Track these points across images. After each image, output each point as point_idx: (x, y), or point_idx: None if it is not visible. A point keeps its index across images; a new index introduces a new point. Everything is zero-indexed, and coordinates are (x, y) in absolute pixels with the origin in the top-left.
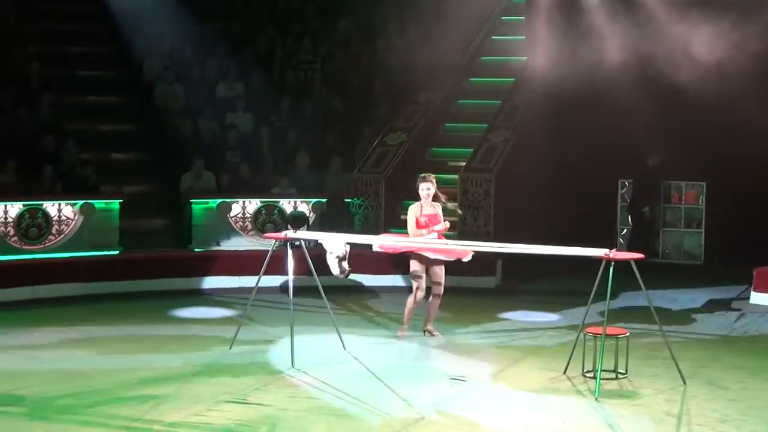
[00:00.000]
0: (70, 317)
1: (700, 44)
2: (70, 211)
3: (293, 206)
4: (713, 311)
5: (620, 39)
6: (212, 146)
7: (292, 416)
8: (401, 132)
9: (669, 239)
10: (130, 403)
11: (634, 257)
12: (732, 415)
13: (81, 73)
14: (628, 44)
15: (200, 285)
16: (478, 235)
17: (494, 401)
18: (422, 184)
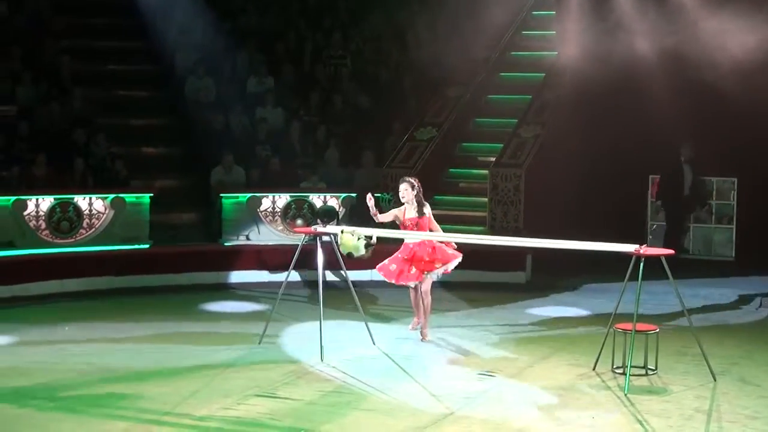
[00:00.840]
0: (100, 311)
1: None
2: (100, 204)
3: (323, 201)
4: (744, 308)
5: (651, 33)
6: (242, 140)
7: (322, 410)
8: (431, 127)
9: (699, 235)
10: (160, 397)
11: (665, 253)
12: (763, 412)
13: (112, 67)
14: (658, 38)
15: (230, 279)
16: (508, 230)
17: (523, 397)
18: (400, 186)
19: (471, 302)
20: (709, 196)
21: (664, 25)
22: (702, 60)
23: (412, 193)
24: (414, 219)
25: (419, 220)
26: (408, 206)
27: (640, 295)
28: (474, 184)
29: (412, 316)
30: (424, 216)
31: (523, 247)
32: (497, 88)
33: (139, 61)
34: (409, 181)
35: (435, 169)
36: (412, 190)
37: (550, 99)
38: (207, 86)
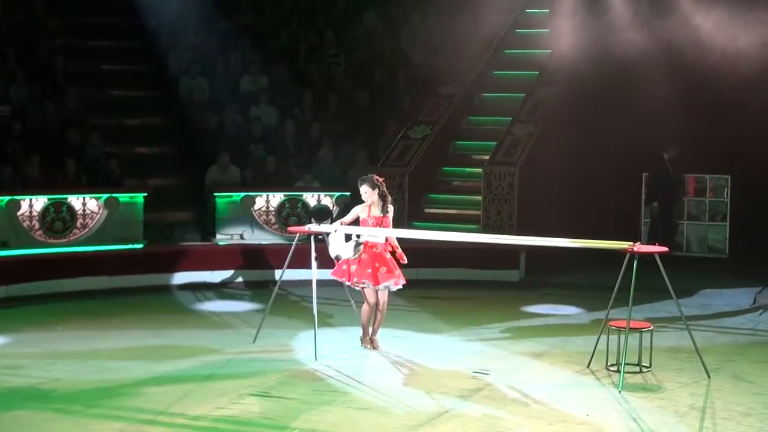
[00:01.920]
0: (95, 311)
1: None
2: (94, 204)
3: (317, 200)
4: (738, 305)
5: (644, 31)
6: (236, 139)
7: (316, 409)
8: (425, 125)
9: (693, 232)
10: (154, 397)
11: (658, 250)
12: (757, 409)
13: (106, 67)
14: (652, 36)
15: (224, 278)
16: (501, 228)
17: (518, 394)
18: (360, 187)
19: (465, 300)
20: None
21: (658, 23)
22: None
23: (374, 193)
24: (379, 218)
25: (383, 219)
26: (373, 206)
27: (634, 292)
28: (468, 182)
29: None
30: (387, 215)
31: (517, 245)
32: (491, 87)
33: (133, 60)
34: (369, 181)
35: (429, 168)
36: (374, 190)
37: (543, 97)
38: (201, 85)
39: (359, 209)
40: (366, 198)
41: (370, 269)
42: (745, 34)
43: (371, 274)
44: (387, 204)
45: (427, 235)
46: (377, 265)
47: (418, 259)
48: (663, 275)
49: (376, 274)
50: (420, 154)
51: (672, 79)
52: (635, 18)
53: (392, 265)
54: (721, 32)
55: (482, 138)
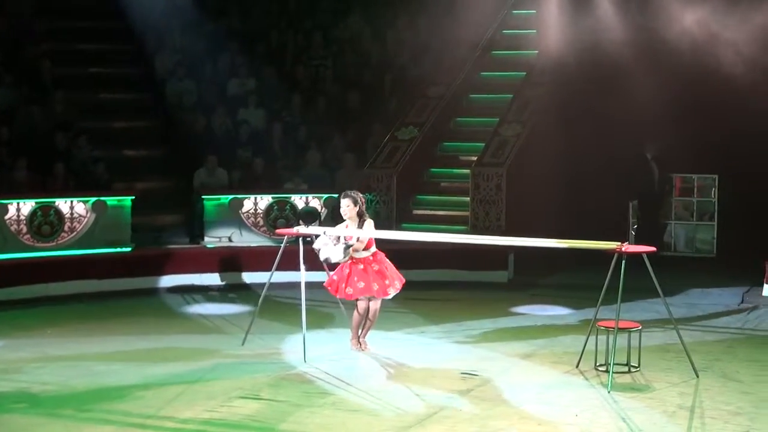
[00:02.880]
0: (83, 315)
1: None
2: (82, 208)
3: (305, 202)
4: (726, 304)
5: (632, 31)
6: (224, 142)
7: (306, 412)
8: (412, 127)
9: (681, 232)
10: (143, 400)
11: (646, 250)
12: (745, 408)
13: (93, 70)
14: (640, 36)
15: (212, 281)
16: (490, 229)
17: (507, 395)
18: (341, 201)
19: (453, 302)
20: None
21: (645, 24)
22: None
23: (354, 210)
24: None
25: None
26: (349, 222)
27: (623, 292)
28: (456, 183)
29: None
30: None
31: (505, 246)
32: (478, 88)
33: (121, 63)
34: (351, 196)
35: (416, 169)
36: (355, 206)
37: (531, 98)
38: (188, 88)
39: (341, 226)
40: (344, 212)
41: (377, 285)
42: (733, 33)
43: (379, 290)
44: (363, 222)
45: (416, 237)
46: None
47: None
48: (651, 274)
49: (386, 289)
50: (408, 156)
51: (659, 79)
52: (622, 18)
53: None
54: (709, 32)
55: (470, 139)
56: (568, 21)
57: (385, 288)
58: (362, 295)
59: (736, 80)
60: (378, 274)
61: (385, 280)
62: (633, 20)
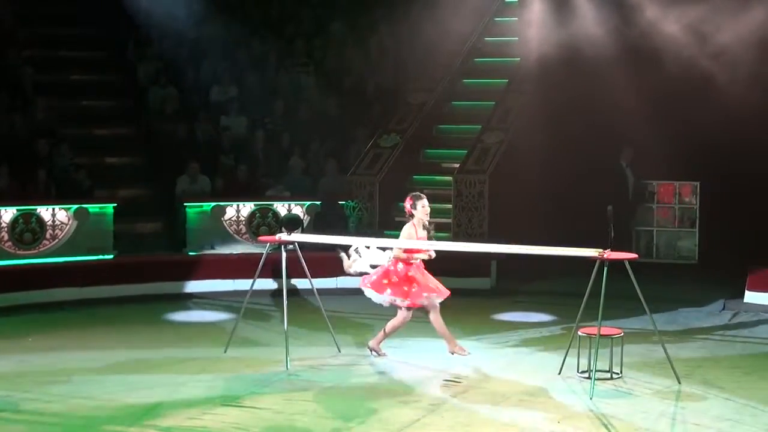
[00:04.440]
0: (65, 322)
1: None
2: (64, 215)
3: (287, 209)
4: (708, 311)
5: (613, 38)
6: (206, 149)
7: (288, 419)
8: (395, 134)
9: (662, 239)
10: (125, 408)
11: (628, 257)
12: (727, 415)
13: (75, 78)
14: (621, 43)
15: (195, 288)
16: (472, 236)
17: (490, 402)
18: (421, 202)
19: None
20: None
21: (627, 30)
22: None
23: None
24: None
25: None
26: (417, 226)
27: (605, 299)
28: (438, 190)
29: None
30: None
31: (488, 253)
32: (461, 95)
33: (102, 70)
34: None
35: (399, 176)
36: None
37: (513, 105)
38: (170, 95)
39: (410, 229)
40: (424, 214)
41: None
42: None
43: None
44: (427, 224)
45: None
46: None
47: None
48: (633, 281)
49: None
50: (390, 163)
51: (641, 85)
52: (604, 26)
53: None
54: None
55: (452, 146)
56: (549, 28)
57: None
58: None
59: (717, 87)
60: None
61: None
62: (615, 28)
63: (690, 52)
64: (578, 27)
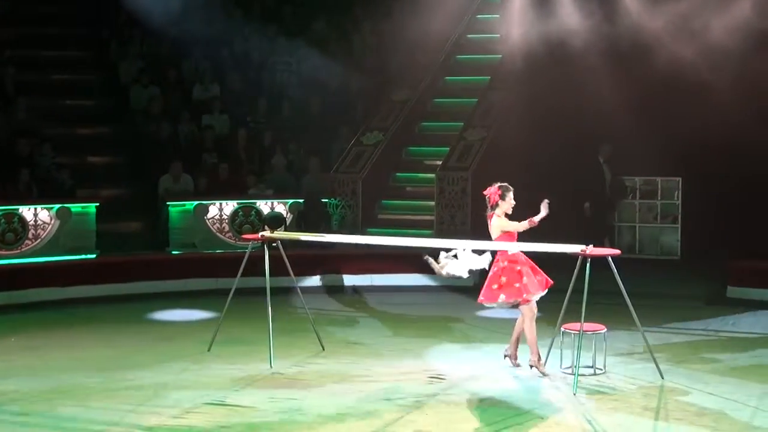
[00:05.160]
0: (47, 322)
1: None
2: (46, 215)
3: (270, 207)
4: (690, 306)
5: (594, 34)
6: (189, 148)
7: (272, 417)
8: (377, 131)
9: (645, 234)
10: (108, 408)
11: (611, 253)
12: (710, 409)
13: (56, 77)
14: (603, 40)
15: (178, 287)
16: (455, 233)
17: (474, 398)
18: (510, 194)
19: (420, 305)
20: (628, 194)
21: (608, 27)
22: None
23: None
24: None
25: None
26: (502, 217)
27: (588, 294)
28: (421, 187)
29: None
30: None
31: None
32: (443, 92)
33: (84, 70)
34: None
35: (382, 174)
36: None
37: (495, 102)
38: (152, 94)
39: (504, 222)
40: (509, 207)
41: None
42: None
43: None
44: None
45: (381, 241)
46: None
47: (371, 266)
48: (616, 277)
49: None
50: (373, 161)
51: (623, 82)
52: (585, 21)
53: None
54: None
55: (435, 143)
56: (531, 25)
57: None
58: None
59: (700, 83)
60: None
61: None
62: (596, 25)
63: (672, 48)
64: (560, 24)
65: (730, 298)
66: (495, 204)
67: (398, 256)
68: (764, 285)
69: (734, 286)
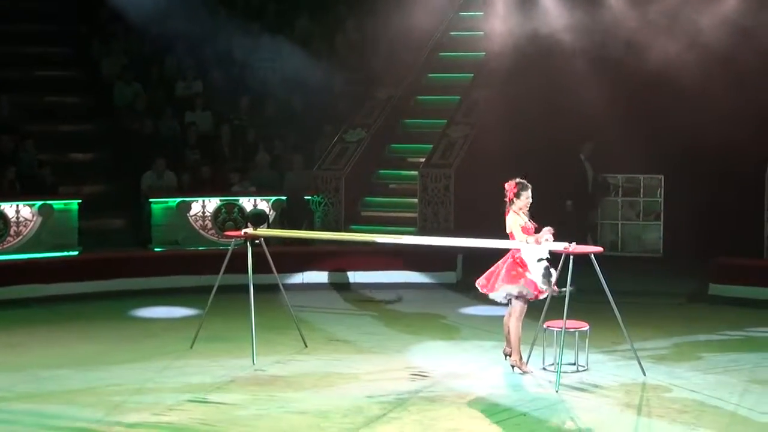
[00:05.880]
0: (30, 319)
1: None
2: (28, 212)
3: (253, 204)
4: (672, 303)
5: (578, 32)
6: (172, 145)
7: (254, 414)
8: (361, 128)
9: (627, 232)
10: (90, 405)
11: (594, 251)
12: (692, 406)
13: (39, 74)
14: (585, 37)
15: (160, 284)
16: (438, 230)
17: (456, 395)
18: (526, 193)
19: (402, 303)
20: (611, 191)
21: (591, 25)
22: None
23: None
24: (533, 226)
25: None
26: (518, 214)
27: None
28: (404, 185)
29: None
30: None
31: (454, 247)
32: (426, 89)
33: (67, 66)
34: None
35: (365, 171)
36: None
37: (478, 99)
38: (135, 91)
39: (518, 220)
40: (524, 204)
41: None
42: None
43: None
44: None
45: (364, 238)
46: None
47: (354, 263)
48: (598, 274)
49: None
50: (356, 158)
51: (607, 79)
52: (569, 19)
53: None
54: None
55: (418, 140)
56: (514, 22)
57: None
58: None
59: (683, 81)
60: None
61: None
62: (579, 23)
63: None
64: (543, 21)
65: (712, 295)
66: (511, 200)
67: (381, 253)
68: (746, 282)
69: (716, 284)
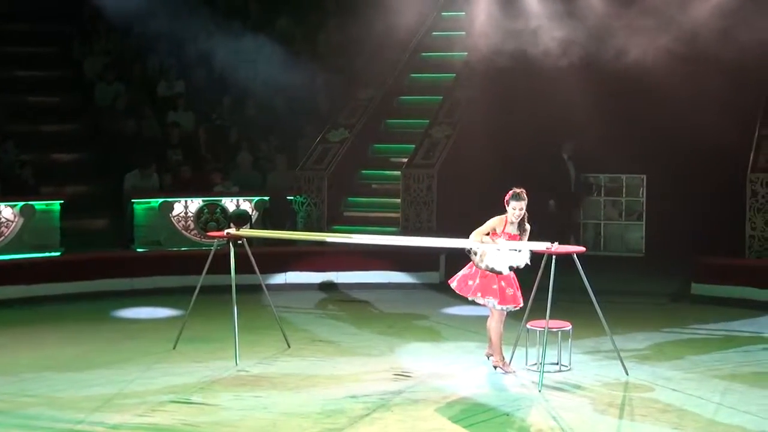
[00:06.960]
0: (12, 320)
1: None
2: (9, 212)
3: (236, 205)
4: (655, 303)
5: (560, 33)
6: (153, 145)
7: (237, 415)
8: (343, 128)
9: (609, 232)
10: (73, 405)
11: (576, 250)
12: (674, 406)
13: (20, 74)
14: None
15: (143, 285)
16: (421, 230)
17: (439, 396)
18: (515, 204)
19: (385, 303)
20: (593, 191)
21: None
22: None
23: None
24: (514, 236)
25: (517, 238)
26: (512, 221)
27: (553, 291)
28: (386, 185)
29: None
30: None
31: (437, 248)
32: (408, 89)
33: (48, 66)
34: (525, 201)
35: (347, 171)
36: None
37: (461, 99)
38: (117, 91)
39: (496, 221)
40: (517, 215)
41: (495, 286)
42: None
43: (497, 290)
44: (525, 224)
45: (347, 239)
46: (503, 284)
47: (337, 263)
48: (581, 274)
49: (503, 292)
50: (339, 158)
51: (589, 80)
52: (550, 20)
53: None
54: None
55: (400, 141)
56: (496, 23)
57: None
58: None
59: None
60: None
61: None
62: (561, 22)
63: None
64: (525, 22)
65: (694, 294)
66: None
67: (364, 254)
68: (728, 282)
69: (698, 283)
